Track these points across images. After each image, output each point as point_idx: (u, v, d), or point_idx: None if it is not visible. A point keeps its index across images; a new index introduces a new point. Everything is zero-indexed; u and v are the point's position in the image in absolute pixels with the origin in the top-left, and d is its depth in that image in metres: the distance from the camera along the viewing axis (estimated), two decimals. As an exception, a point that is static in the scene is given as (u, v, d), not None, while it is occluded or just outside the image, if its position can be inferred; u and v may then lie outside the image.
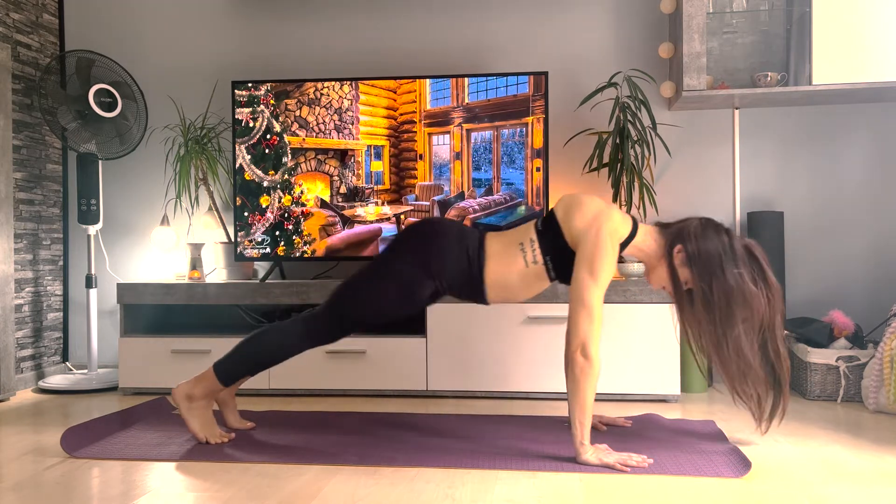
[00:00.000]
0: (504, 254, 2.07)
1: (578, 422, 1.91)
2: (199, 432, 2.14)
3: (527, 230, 2.10)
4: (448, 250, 2.08)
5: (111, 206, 3.45)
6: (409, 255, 2.09)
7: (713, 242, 1.95)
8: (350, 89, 3.00)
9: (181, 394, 2.16)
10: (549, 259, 2.05)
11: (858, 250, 3.07)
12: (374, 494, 1.70)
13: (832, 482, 1.77)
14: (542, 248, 2.05)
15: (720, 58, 3.09)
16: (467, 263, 2.08)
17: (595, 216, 1.98)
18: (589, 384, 1.90)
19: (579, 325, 1.91)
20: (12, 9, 3.11)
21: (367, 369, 2.82)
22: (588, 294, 1.92)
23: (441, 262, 2.08)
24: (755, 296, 1.92)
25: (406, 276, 2.08)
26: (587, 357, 1.89)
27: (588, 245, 1.95)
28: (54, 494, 1.72)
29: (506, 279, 2.08)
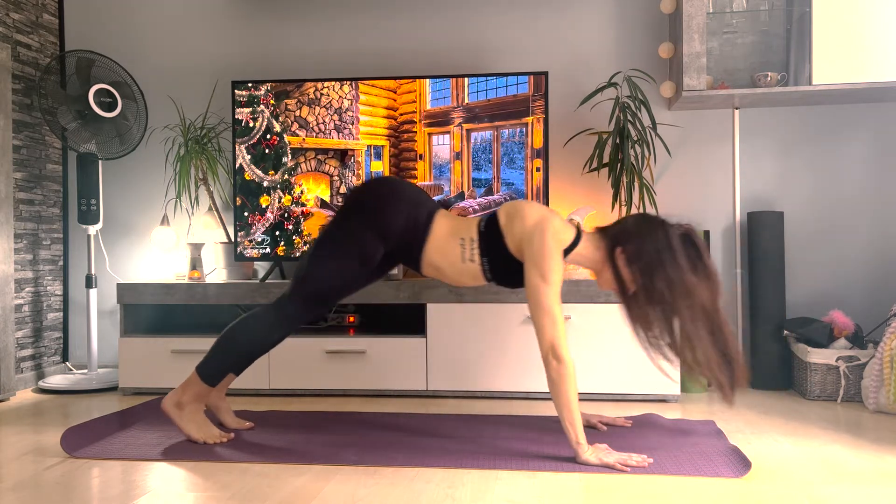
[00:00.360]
0: (444, 240, 2.11)
1: (568, 423, 1.91)
2: (197, 436, 2.14)
3: (469, 227, 2.12)
4: (399, 213, 2.11)
5: (111, 206, 3.45)
6: (360, 216, 2.12)
7: (650, 238, 1.96)
8: (350, 89, 3.00)
9: (170, 404, 2.17)
10: (487, 261, 2.09)
11: (858, 250, 3.07)
12: (374, 494, 1.70)
13: (832, 482, 1.77)
14: (480, 248, 2.09)
15: (720, 58, 3.09)
16: (413, 233, 2.12)
17: (537, 222, 2.01)
18: (568, 385, 1.91)
19: (544, 329, 1.94)
20: (12, 9, 3.11)
21: (367, 369, 2.82)
22: (544, 298, 1.95)
23: (390, 223, 2.10)
24: (695, 284, 1.92)
25: (358, 239, 2.10)
26: (559, 359, 1.91)
27: (534, 250, 1.98)
28: (54, 494, 1.72)
29: (440, 264, 2.12)
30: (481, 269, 2.10)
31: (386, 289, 2.83)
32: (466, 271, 2.12)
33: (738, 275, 3.11)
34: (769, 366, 2.93)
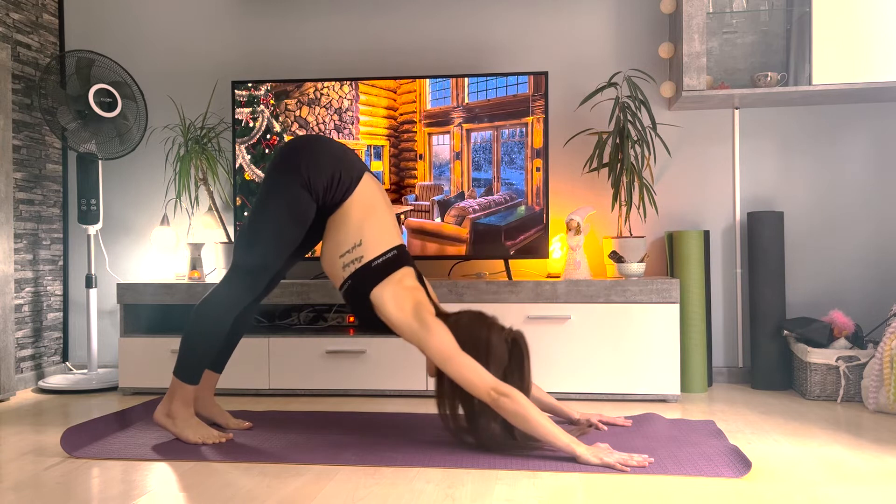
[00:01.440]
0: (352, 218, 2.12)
1: (551, 437, 1.90)
2: (196, 438, 2.14)
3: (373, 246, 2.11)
4: (325, 168, 2.10)
5: (111, 206, 3.45)
6: (287, 173, 2.11)
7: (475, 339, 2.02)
8: (350, 89, 3.00)
9: (161, 416, 2.17)
10: (350, 283, 2.11)
11: (858, 250, 3.07)
12: (374, 494, 1.70)
13: (832, 482, 1.77)
14: (355, 272, 2.09)
15: (720, 58, 3.09)
16: (335, 187, 2.12)
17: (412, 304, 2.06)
18: (528, 409, 1.91)
19: (472, 379, 1.94)
20: (12, 9, 3.11)
21: (367, 369, 2.82)
22: (454, 355, 1.97)
23: (318, 178, 2.09)
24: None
25: (288, 193, 2.09)
26: (505, 394, 1.91)
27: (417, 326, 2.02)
28: (54, 494, 1.72)
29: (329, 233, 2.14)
30: (342, 281, 2.12)
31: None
32: (334, 267, 2.13)
33: (738, 275, 3.11)
34: (769, 366, 2.93)
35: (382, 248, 2.11)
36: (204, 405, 2.31)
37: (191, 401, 2.18)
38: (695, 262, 2.91)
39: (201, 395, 2.31)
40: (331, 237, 2.14)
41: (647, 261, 3.13)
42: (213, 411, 2.32)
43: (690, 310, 2.90)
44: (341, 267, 2.11)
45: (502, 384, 1.93)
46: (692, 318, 2.90)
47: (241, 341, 2.88)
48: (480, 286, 2.78)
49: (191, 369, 2.14)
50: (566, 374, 2.74)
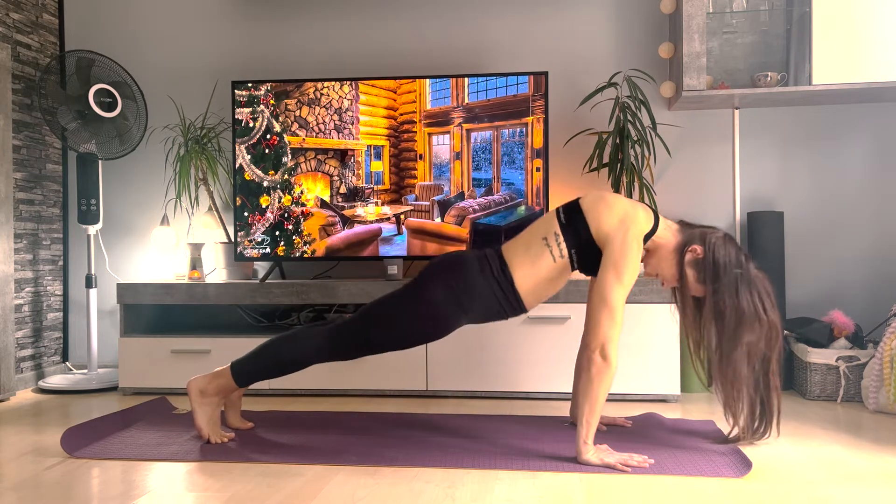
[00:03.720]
0: (527, 255, 2.07)
1: (586, 420, 1.91)
2: (204, 428, 2.14)
3: (548, 224, 2.09)
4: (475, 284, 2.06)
5: (111, 206, 3.45)
6: (442, 289, 2.06)
7: (732, 259, 1.99)
8: (350, 89, 3.00)
9: (195, 387, 2.16)
10: (574, 252, 2.06)
11: (858, 250, 3.07)
12: (374, 494, 1.70)
13: (832, 482, 1.77)
14: (567, 241, 2.05)
15: (720, 58, 3.09)
16: (497, 286, 2.07)
17: (622, 219, 2.00)
18: (603, 385, 1.91)
19: (601, 325, 1.92)
20: (12, 9, 3.10)
21: (367, 369, 2.82)
22: (613, 295, 1.93)
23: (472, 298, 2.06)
24: (765, 325, 1.98)
25: (442, 310, 2.06)
26: (606, 358, 1.91)
27: (615, 248, 1.97)
28: (54, 494, 1.72)
29: (536, 281, 2.07)
30: (570, 261, 2.07)
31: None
32: (559, 269, 2.07)
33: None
34: (769, 366, 2.93)
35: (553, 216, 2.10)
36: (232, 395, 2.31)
37: (227, 394, 2.19)
38: (695, 262, 2.91)
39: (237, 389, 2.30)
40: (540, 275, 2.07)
41: (647, 261, 3.13)
42: (233, 402, 2.31)
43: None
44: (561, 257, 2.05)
45: (613, 350, 1.91)
46: (692, 318, 2.90)
47: (242, 341, 2.88)
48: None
49: (250, 375, 2.16)
50: (566, 375, 2.74)
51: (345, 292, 2.85)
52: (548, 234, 2.07)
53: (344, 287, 2.85)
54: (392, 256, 2.97)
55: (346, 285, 2.85)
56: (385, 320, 2.09)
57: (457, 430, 2.27)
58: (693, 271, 2.02)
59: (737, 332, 1.97)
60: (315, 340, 2.13)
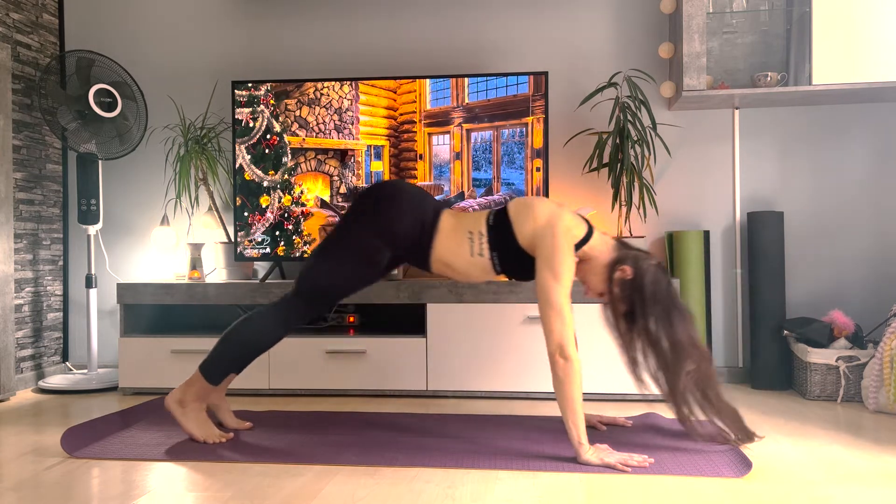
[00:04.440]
0: (453, 236, 2.12)
1: (571, 423, 1.92)
2: (198, 434, 2.14)
3: (478, 220, 2.13)
4: (404, 216, 2.12)
5: (111, 206, 3.45)
6: (366, 221, 2.12)
7: (661, 288, 2.03)
8: (350, 89, 3.00)
9: (173, 400, 2.18)
10: (497, 255, 2.09)
11: (858, 250, 3.07)
12: (374, 494, 1.70)
13: (832, 482, 1.77)
14: (490, 242, 2.09)
15: (720, 58, 3.09)
16: (420, 232, 2.12)
17: (548, 219, 2.02)
18: (573, 384, 1.91)
19: (552, 327, 1.95)
20: (12, 9, 3.11)
21: (367, 369, 2.82)
22: (554, 295, 1.96)
23: (397, 227, 2.11)
24: (701, 353, 2.03)
25: (365, 243, 2.11)
26: (566, 358, 1.92)
27: (546, 247, 1.99)
28: (54, 494, 1.72)
29: (449, 260, 2.13)
30: (491, 263, 2.11)
31: (386, 289, 2.83)
32: (476, 265, 2.12)
33: (738, 275, 3.11)
34: (769, 366, 2.93)
35: (485, 214, 2.14)
36: (213, 399, 2.31)
37: (205, 397, 2.20)
38: (695, 262, 2.91)
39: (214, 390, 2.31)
40: (454, 258, 2.12)
41: (647, 261, 3.13)
42: (220, 406, 2.32)
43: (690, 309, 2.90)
44: (479, 255, 2.10)
45: (573, 349, 1.93)
46: (692, 318, 2.90)
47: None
48: (480, 286, 2.78)
49: (218, 371, 2.17)
50: (566, 374, 2.74)
51: (345, 292, 2.85)
52: (473, 230, 2.11)
53: (344, 287, 2.85)
54: (392, 256, 2.97)
55: (346, 285, 2.85)
56: (322, 269, 2.13)
57: (457, 430, 2.27)
58: (619, 290, 2.05)
59: (677, 362, 2.01)
60: (270, 317, 2.16)
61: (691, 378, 2.02)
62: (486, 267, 2.12)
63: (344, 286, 2.16)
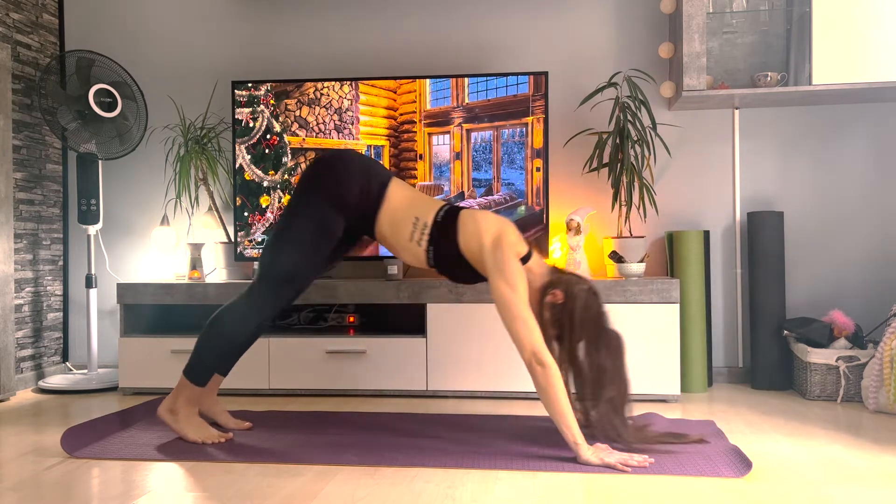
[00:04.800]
0: (398, 213, 2.14)
1: (563, 425, 1.92)
2: (195, 437, 2.14)
3: (427, 210, 2.14)
4: (352, 183, 2.13)
5: (111, 206, 3.45)
6: (317, 191, 2.13)
7: (591, 313, 2.05)
8: (350, 89, 3.00)
9: (164, 410, 2.18)
10: (433, 250, 2.11)
11: (858, 250, 3.07)
12: (374, 494, 1.70)
13: (832, 482, 1.77)
14: (430, 236, 2.10)
15: (720, 58, 3.09)
16: (366, 201, 2.14)
17: (497, 233, 2.05)
18: (556, 388, 1.92)
19: (521, 337, 1.95)
20: (12, 9, 3.10)
21: (367, 369, 2.82)
22: (515, 306, 1.97)
23: (345, 193, 2.12)
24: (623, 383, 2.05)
25: (317, 212, 2.12)
26: (543, 364, 1.92)
27: (496, 261, 2.02)
28: (54, 494, 1.72)
29: (387, 235, 2.16)
30: (426, 255, 2.13)
31: (386, 289, 2.83)
32: (409, 251, 2.14)
33: (738, 275, 3.11)
34: (769, 366, 2.93)
35: (436, 207, 2.15)
36: (206, 404, 2.32)
37: (195, 400, 2.19)
38: (695, 262, 2.91)
39: (204, 394, 2.31)
40: (393, 237, 2.16)
41: (647, 261, 3.13)
42: (214, 410, 2.32)
43: (690, 310, 2.90)
44: (417, 244, 2.12)
45: (546, 353, 1.94)
46: (692, 318, 2.90)
47: (241, 341, 2.88)
48: (481, 287, 2.78)
49: (201, 371, 2.16)
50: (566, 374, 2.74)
51: (345, 292, 2.85)
52: (420, 218, 2.12)
53: (344, 287, 2.85)
54: (392, 256, 2.97)
55: (346, 285, 2.85)
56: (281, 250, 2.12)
57: (457, 430, 2.27)
58: (549, 314, 2.07)
59: (598, 388, 2.03)
60: (240, 309, 2.15)
61: (610, 405, 2.03)
62: (420, 257, 2.14)
63: (304, 264, 2.13)
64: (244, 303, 2.16)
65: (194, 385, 2.16)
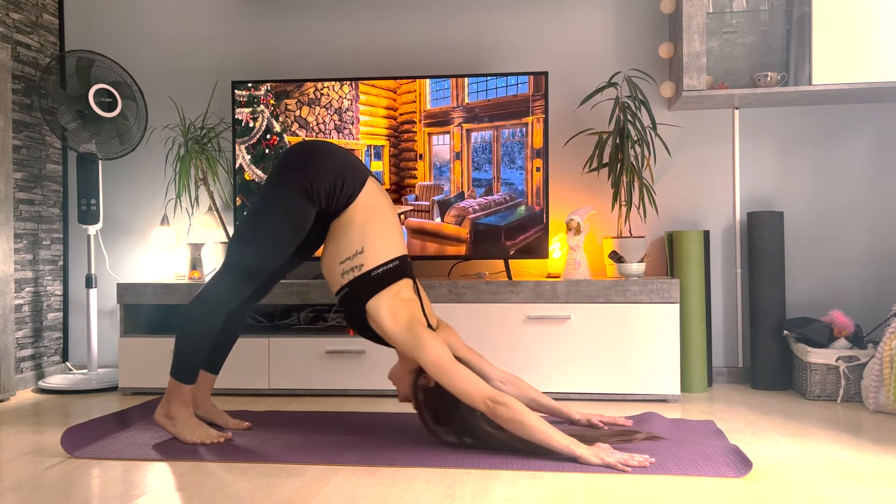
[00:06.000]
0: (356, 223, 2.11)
1: (552, 442, 1.90)
2: (194, 439, 2.13)
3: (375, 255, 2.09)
4: (326, 172, 2.10)
5: (111, 206, 3.45)
6: (288, 180, 2.10)
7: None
8: (350, 89, 3.00)
9: (160, 415, 2.17)
10: (347, 290, 2.10)
11: (858, 250, 3.07)
12: (374, 494, 1.70)
13: (832, 482, 1.77)
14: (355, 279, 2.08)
15: (720, 58, 3.09)
16: (338, 193, 2.10)
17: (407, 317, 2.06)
18: (525, 415, 1.91)
19: (468, 390, 1.94)
20: (12, 9, 3.11)
21: (367, 369, 2.82)
22: (449, 367, 1.97)
23: (318, 183, 2.09)
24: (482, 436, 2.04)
25: (289, 204, 2.08)
26: (501, 403, 1.91)
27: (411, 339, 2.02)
28: (54, 494, 1.72)
29: (333, 236, 2.13)
30: (340, 287, 2.11)
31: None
32: (332, 271, 2.12)
33: (738, 275, 3.11)
34: (769, 366, 2.93)
35: (384, 257, 2.10)
36: (202, 406, 2.32)
37: (188, 401, 2.18)
38: (695, 262, 2.91)
39: (198, 396, 2.31)
40: (333, 242, 2.13)
41: (647, 261, 3.13)
42: (210, 412, 2.32)
43: (690, 310, 2.90)
44: (340, 273, 2.10)
45: (498, 393, 1.93)
46: (692, 318, 2.90)
47: (242, 341, 2.87)
48: (480, 286, 2.78)
49: (185, 369, 2.14)
50: (566, 374, 2.74)
51: (345, 292, 2.85)
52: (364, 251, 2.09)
53: (344, 287, 2.85)
54: (392, 256, 2.97)
55: (346, 285, 2.85)
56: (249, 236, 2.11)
57: (457, 430, 2.27)
58: (423, 396, 2.10)
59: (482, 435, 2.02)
60: (210, 296, 2.12)
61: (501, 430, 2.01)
62: (335, 283, 2.12)
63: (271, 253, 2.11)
64: (211, 291, 2.13)
65: (183, 384, 2.14)
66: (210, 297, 2.13)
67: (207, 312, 2.12)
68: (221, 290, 2.13)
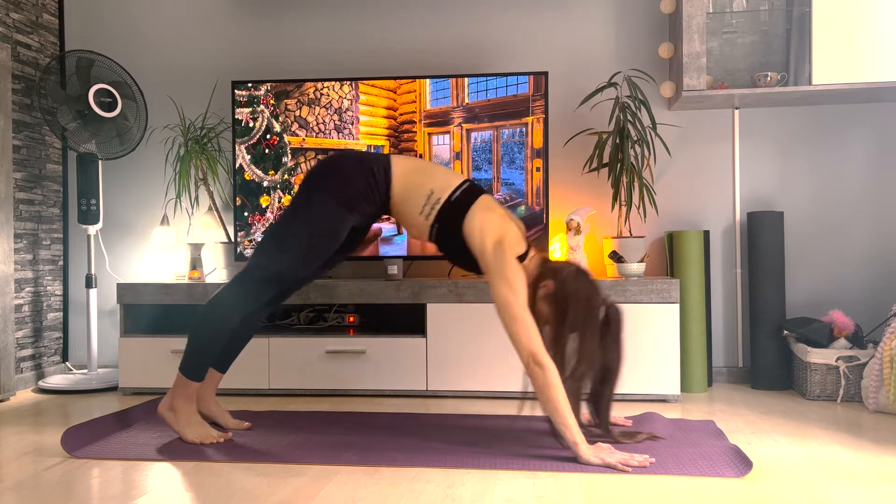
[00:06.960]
0: (411, 186, 2.12)
1: (562, 425, 1.91)
2: (194, 437, 2.14)
3: (445, 185, 2.12)
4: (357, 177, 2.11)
5: (111, 206, 3.45)
6: (324, 191, 2.11)
7: (583, 292, 2.03)
8: (350, 89, 3.00)
9: (164, 408, 2.17)
10: (437, 227, 2.11)
11: (858, 250, 3.07)
12: (374, 494, 1.70)
13: (832, 482, 1.77)
14: (439, 213, 2.09)
15: (720, 58, 3.09)
16: (376, 188, 2.12)
17: (497, 237, 2.04)
18: (554, 389, 1.92)
19: (520, 339, 1.95)
20: (12, 9, 3.11)
21: (367, 369, 2.82)
22: (515, 308, 1.96)
23: (353, 191, 2.11)
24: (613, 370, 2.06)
25: (323, 215, 2.09)
26: (541, 365, 1.92)
27: (497, 263, 2.01)
28: (54, 494, 1.72)
29: (400, 210, 2.15)
30: (429, 229, 2.13)
31: (386, 289, 2.83)
32: (417, 224, 2.14)
33: (738, 275, 3.11)
34: (769, 366, 2.93)
35: (453, 184, 2.13)
36: (205, 404, 2.32)
37: (193, 397, 2.18)
38: (695, 262, 2.91)
39: (203, 394, 2.31)
40: (404, 209, 2.14)
41: (647, 261, 3.13)
42: (213, 410, 2.32)
43: (690, 310, 2.90)
44: (425, 218, 2.11)
45: (543, 354, 1.93)
46: (692, 318, 2.90)
47: (241, 341, 2.88)
48: (481, 286, 2.78)
49: (195, 366, 2.15)
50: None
51: (345, 292, 2.85)
52: (434, 191, 2.11)
53: (344, 287, 2.85)
54: (392, 256, 2.97)
55: (346, 285, 2.85)
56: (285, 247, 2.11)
57: (457, 430, 2.27)
58: (545, 304, 2.07)
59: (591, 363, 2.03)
60: (226, 298, 2.13)
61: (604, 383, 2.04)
62: (424, 230, 2.14)
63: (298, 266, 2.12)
64: (232, 293, 2.13)
65: (190, 380, 2.15)
66: (229, 300, 2.13)
67: (226, 313, 2.13)
68: (242, 292, 2.13)
